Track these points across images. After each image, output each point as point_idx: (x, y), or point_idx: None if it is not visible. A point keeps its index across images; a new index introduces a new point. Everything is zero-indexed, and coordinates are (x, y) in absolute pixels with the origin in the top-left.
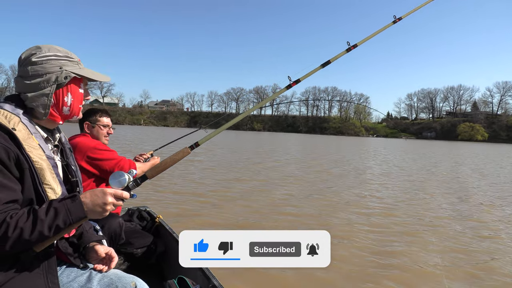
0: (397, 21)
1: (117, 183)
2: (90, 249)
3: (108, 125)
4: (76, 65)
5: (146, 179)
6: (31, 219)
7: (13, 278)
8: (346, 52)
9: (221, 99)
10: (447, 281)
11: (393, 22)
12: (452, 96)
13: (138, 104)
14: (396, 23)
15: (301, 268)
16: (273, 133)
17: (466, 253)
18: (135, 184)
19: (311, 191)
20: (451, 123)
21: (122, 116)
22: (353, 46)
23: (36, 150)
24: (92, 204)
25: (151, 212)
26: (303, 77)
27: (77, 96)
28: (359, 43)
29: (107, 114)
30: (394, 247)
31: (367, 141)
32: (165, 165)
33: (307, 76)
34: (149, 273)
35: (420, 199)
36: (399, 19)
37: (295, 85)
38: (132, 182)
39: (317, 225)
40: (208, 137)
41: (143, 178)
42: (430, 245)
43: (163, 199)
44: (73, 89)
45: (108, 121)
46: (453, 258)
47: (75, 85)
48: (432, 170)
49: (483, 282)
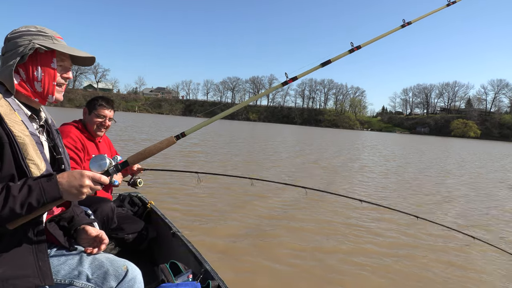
0: (406, 25)
1: (97, 167)
2: (80, 230)
3: (104, 116)
4: (49, 39)
5: (127, 165)
6: (3, 195)
7: (1, 256)
8: (348, 53)
9: (217, 88)
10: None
11: (402, 26)
12: (447, 92)
13: (133, 91)
14: (404, 27)
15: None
16: (268, 124)
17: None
18: (116, 170)
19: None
20: (445, 119)
21: (116, 103)
22: (356, 47)
23: (18, 125)
24: (68, 185)
25: (143, 198)
26: (300, 75)
27: (48, 72)
28: (363, 44)
29: (108, 105)
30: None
31: (362, 135)
32: (149, 152)
33: (305, 74)
34: (140, 258)
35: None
36: (408, 23)
37: (292, 82)
38: (113, 167)
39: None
40: (196, 128)
41: (124, 164)
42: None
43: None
44: (44, 63)
45: (106, 112)
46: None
47: (46, 59)
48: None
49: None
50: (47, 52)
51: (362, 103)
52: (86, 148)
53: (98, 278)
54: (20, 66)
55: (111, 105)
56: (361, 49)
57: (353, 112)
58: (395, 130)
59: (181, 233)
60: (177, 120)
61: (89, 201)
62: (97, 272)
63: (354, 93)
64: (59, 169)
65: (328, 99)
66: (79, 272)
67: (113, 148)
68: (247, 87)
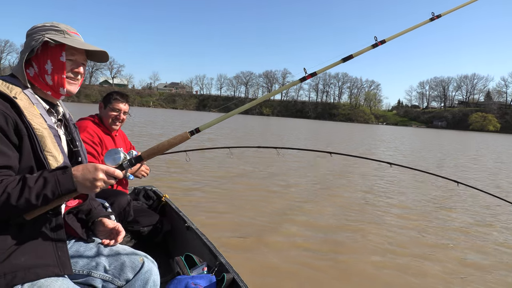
0: (435, 19)
1: (111, 160)
2: (98, 222)
3: (119, 110)
4: (60, 34)
5: (141, 160)
6: (20, 185)
7: (22, 245)
8: (372, 47)
9: (230, 83)
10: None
11: (430, 20)
12: (466, 85)
13: (148, 86)
14: (433, 20)
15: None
16: (281, 119)
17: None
18: (130, 164)
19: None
20: (463, 112)
21: (131, 98)
22: (380, 42)
23: (37, 118)
24: (83, 178)
25: (157, 192)
26: (320, 70)
27: (57, 64)
28: (387, 39)
29: (123, 99)
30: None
31: (377, 129)
32: (162, 147)
33: (325, 69)
34: (155, 250)
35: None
36: (437, 16)
37: (310, 78)
38: (127, 161)
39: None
40: (211, 123)
41: (138, 159)
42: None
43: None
44: (53, 56)
45: (121, 106)
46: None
47: (56, 53)
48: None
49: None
50: (57, 46)
51: (377, 96)
52: (103, 142)
53: (115, 270)
54: (33, 59)
55: (125, 99)
56: (385, 43)
57: (368, 106)
58: (411, 124)
59: (195, 226)
60: (191, 115)
61: (106, 194)
62: (114, 263)
63: (369, 86)
64: (76, 162)
65: (343, 93)
66: (97, 263)
67: (128, 141)
68: (260, 82)
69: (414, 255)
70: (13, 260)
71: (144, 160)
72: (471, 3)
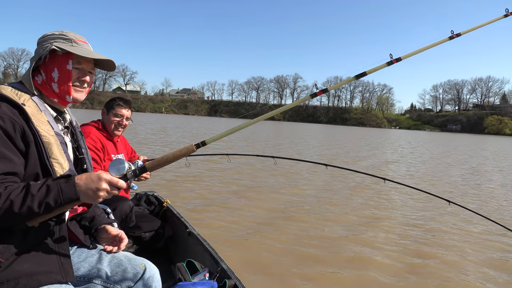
0: (455, 37)
1: (116, 171)
2: (101, 230)
3: (122, 115)
4: (68, 42)
5: (145, 171)
6: (23, 193)
7: (25, 252)
8: (386, 65)
9: (242, 88)
10: None
11: (450, 38)
12: (480, 88)
13: (160, 92)
14: (452, 39)
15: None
16: (293, 123)
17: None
18: (134, 175)
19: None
20: (478, 115)
21: (144, 104)
22: (396, 60)
23: (44, 125)
24: (86, 187)
25: (159, 197)
26: (331, 87)
27: (64, 73)
28: (403, 57)
29: (125, 104)
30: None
31: (389, 133)
32: (167, 160)
33: (337, 86)
34: (157, 256)
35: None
36: (457, 35)
37: (322, 94)
38: (131, 172)
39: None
40: (217, 137)
41: (142, 170)
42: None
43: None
44: (60, 64)
45: (124, 112)
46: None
47: (62, 61)
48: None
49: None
50: (64, 54)
51: (390, 100)
52: (105, 147)
53: (117, 276)
54: (41, 67)
55: (128, 105)
56: (401, 61)
57: (380, 110)
58: (424, 128)
59: (196, 232)
60: (202, 120)
61: (108, 200)
62: (116, 270)
63: (381, 90)
64: (81, 169)
65: (354, 97)
66: (99, 270)
67: (129, 146)
68: (271, 87)
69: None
70: (16, 267)
71: (148, 172)
72: (491, 23)
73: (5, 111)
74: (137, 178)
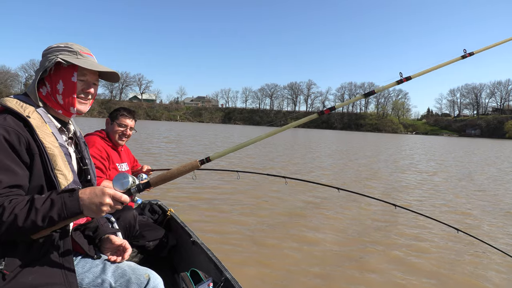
0: (467, 56)
1: (120, 185)
2: (105, 239)
3: (125, 125)
4: (73, 55)
5: (149, 186)
6: (27, 207)
7: (30, 264)
8: (396, 83)
9: (255, 95)
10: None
11: (462, 57)
12: (500, 91)
13: (175, 101)
14: (465, 58)
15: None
16: (308, 130)
17: None
18: (137, 190)
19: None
20: (497, 120)
21: (159, 112)
22: (405, 78)
23: (49, 137)
24: (89, 202)
25: (163, 206)
26: (338, 105)
27: (69, 85)
28: (413, 75)
29: (129, 115)
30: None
31: (407, 139)
32: (171, 175)
33: (344, 104)
34: (161, 265)
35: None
36: (469, 54)
37: (328, 112)
38: (135, 186)
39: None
40: (222, 153)
41: (146, 185)
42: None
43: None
44: (65, 77)
45: (127, 121)
46: None
47: (67, 73)
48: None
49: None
50: (69, 66)
51: (406, 105)
52: (110, 156)
53: (121, 286)
54: (47, 79)
55: (132, 115)
56: (411, 80)
57: (396, 115)
58: (442, 133)
59: (200, 241)
60: (216, 128)
61: None
62: (120, 280)
63: (396, 95)
64: (85, 180)
65: (369, 103)
66: (103, 280)
67: (132, 156)
68: (285, 94)
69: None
70: (21, 279)
71: (152, 187)
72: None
73: (10, 124)
74: (140, 192)
